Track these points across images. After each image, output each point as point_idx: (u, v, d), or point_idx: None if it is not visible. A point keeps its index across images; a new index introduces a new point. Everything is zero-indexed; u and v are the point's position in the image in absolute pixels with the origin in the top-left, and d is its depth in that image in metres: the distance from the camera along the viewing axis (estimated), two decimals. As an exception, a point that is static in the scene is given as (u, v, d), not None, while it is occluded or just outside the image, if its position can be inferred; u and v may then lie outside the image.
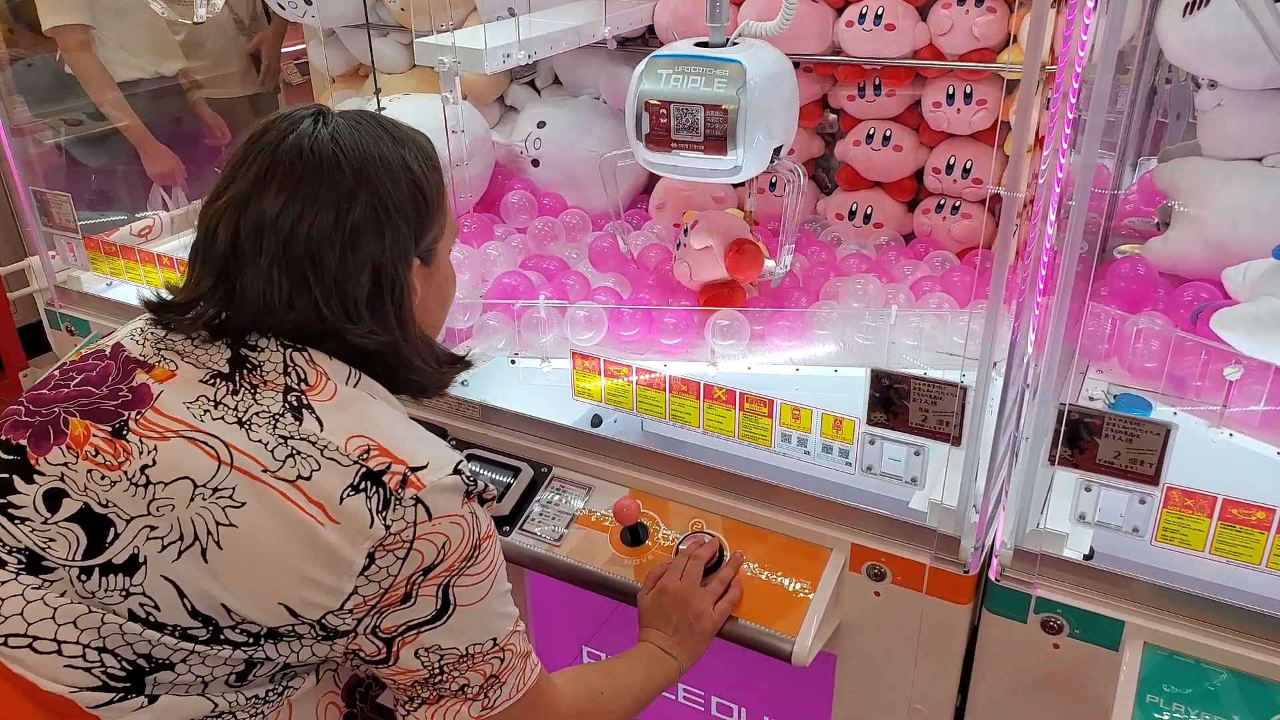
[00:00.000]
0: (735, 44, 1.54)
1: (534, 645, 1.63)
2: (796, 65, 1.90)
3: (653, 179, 2.15)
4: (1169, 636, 1.14)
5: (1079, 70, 1.09)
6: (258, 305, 0.93)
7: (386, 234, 0.96)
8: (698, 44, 1.55)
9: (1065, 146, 1.12)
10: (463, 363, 1.12)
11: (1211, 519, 1.12)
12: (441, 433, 1.58)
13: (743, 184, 2.10)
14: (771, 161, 1.56)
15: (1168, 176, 1.68)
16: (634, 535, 1.36)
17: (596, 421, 1.65)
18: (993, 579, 1.23)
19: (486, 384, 1.63)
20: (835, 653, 1.35)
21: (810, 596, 1.27)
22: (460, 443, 1.56)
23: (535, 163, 2.12)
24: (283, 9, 2.21)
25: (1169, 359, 1.44)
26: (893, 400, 1.24)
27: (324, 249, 0.93)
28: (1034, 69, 1.07)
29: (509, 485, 1.47)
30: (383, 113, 1.70)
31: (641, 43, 2.03)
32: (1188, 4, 1.48)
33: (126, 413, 0.93)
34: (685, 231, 1.70)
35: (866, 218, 1.98)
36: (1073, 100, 1.11)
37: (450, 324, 1.69)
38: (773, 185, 2.07)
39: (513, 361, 1.66)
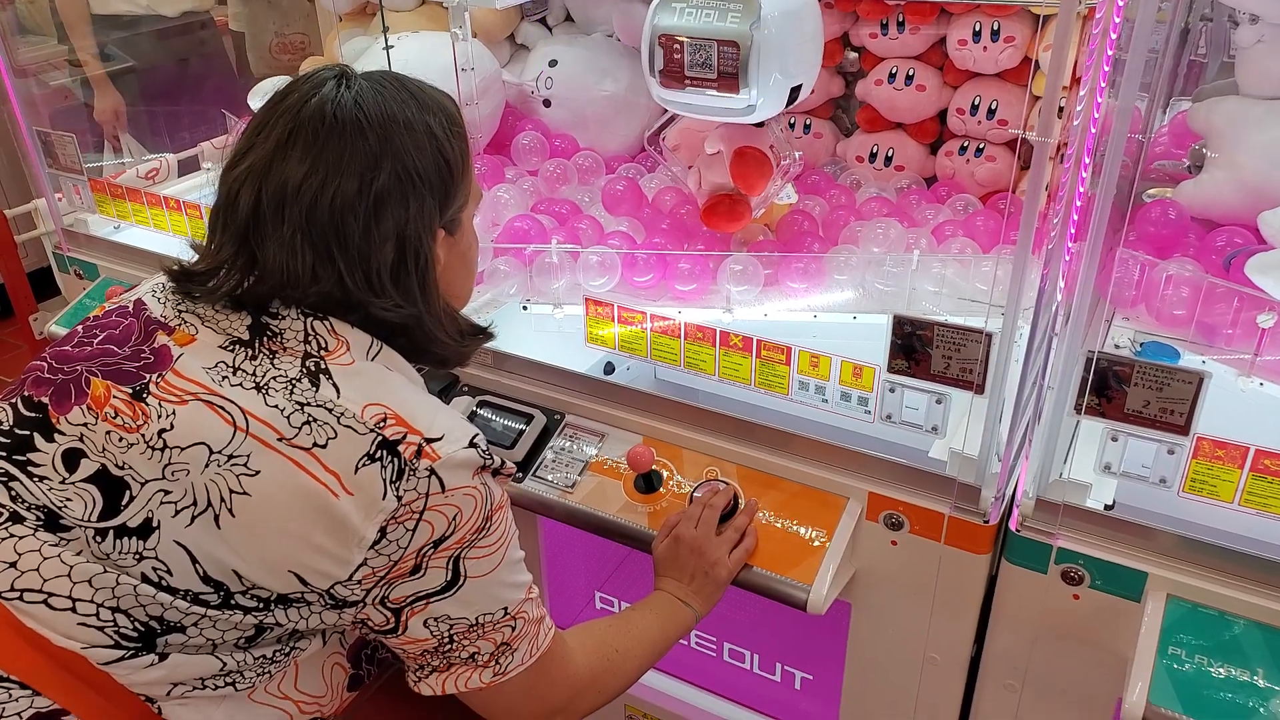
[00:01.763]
0: (759, -23, 1.48)
1: (547, 591, 1.64)
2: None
3: (669, 119, 2.09)
4: (1193, 588, 1.12)
5: (1121, 2, 1.04)
6: (281, 277, 0.92)
7: (411, 203, 0.94)
8: (718, -25, 1.49)
9: (1103, 86, 1.07)
10: (485, 333, 1.10)
11: (1243, 470, 1.09)
12: (453, 380, 1.57)
13: (762, 124, 2.05)
14: (790, 102, 1.50)
15: (1203, 117, 1.62)
16: (647, 482, 1.35)
17: (609, 369, 1.62)
18: (1013, 529, 1.21)
19: (499, 330, 1.60)
20: (850, 601, 1.34)
21: (826, 545, 1.25)
22: (472, 389, 1.54)
23: (547, 103, 2.07)
24: (288, -56, 2.15)
25: (1199, 306, 1.40)
26: (915, 347, 1.21)
27: (348, 219, 0.91)
28: (1072, 3, 1.01)
29: (522, 431, 1.45)
30: (391, 50, 1.65)
31: (656, -24, 1.96)
32: (1231, -66, 1.41)
33: (148, 375, 0.92)
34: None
35: (887, 160, 1.92)
36: (1112, 37, 1.05)
37: (461, 269, 1.66)
38: (791, 126, 2.01)
39: (525, 307, 1.63)
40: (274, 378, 0.91)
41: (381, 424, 0.90)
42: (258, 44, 2.86)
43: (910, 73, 1.83)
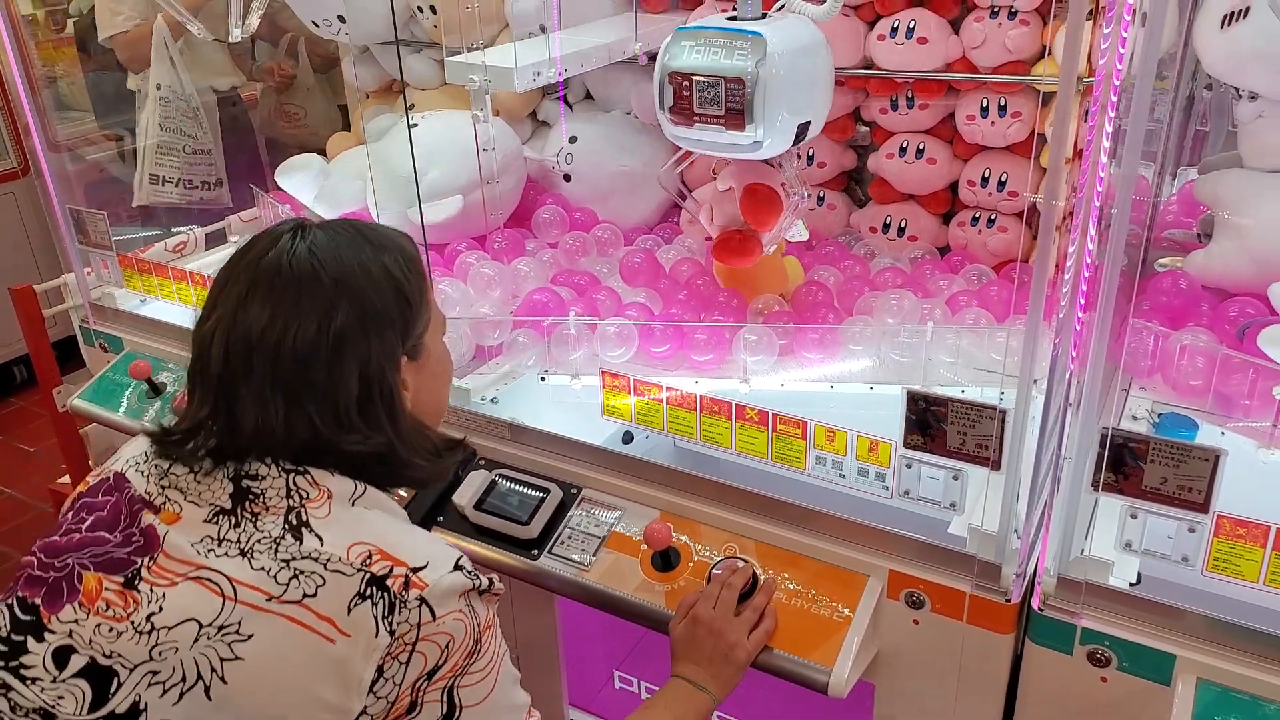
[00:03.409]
0: (767, 17, 1.49)
1: (564, 669, 1.62)
2: (828, 78, 1.89)
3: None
4: (1223, 671, 1.10)
5: (1117, 82, 1.06)
6: (255, 429, 0.94)
7: (371, 339, 0.98)
8: (729, 17, 1.51)
9: (1105, 159, 1.09)
10: (460, 446, 1.12)
11: (1265, 549, 1.08)
12: (471, 454, 1.58)
13: (772, 162, 2.09)
14: (798, 139, 1.52)
15: (1209, 189, 1.64)
16: (665, 560, 1.34)
17: (628, 438, 1.63)
18: (1035, 608, 1.20)
19: (515, 402, 1.62)
20: (873, 682, 1.32)
21: (847, 625, 1.24)
22: (489, 462, 1.55)
23: (567, 178, 2.12)
24: (317, 27, 2.23)
25: (1215, 377, 1.40)
26: (930, 423, 1.21)
27: (310, 361, 0.94)
28: (1071, 79, 1.04)
29: (539, 505, 1.46)
30: (415, 128, 1.71)
31: (671, 57, 2.02)
32: (1226, 15, 1.44)
33: (139, 560, 0.94)
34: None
35: (901, 230, 1.95)
36: (1111, 112, 1.08)
37: (480, 340, 1.69)
38: (810, 158, 2.03)
39: (542, 379, 1.65)
40: (258, 540, 0.92)
41: (367, 561, 0.91)
42: (263, 107, 2.97)
43: (921, 147, 1.87)
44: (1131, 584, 1.19)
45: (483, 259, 1.90)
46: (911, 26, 1.74)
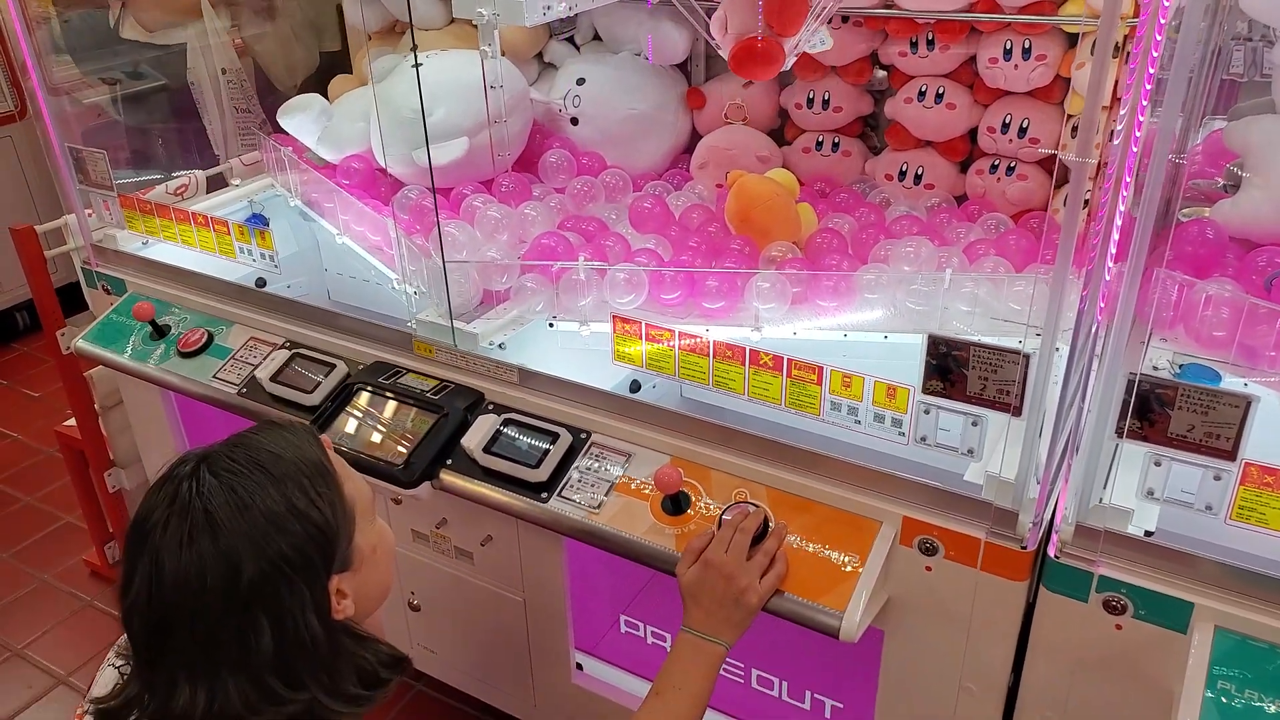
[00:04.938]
0: None
1: (571, 614, 1.62)
2: (845, 19, 1.84)
3: (694, 139, 2.09)
4: (1242, 619, 1.08)
5: (1162, 23, 1.02)
6: (183, 711, 0.92)
7: (283, 593, 0.94)
8: None
9: (1145, 104, 1.05)
10: (400, 665, 1.07)
11: (1292, 497, 1.06)
12: (479, 397, 1.56)
13: (789, 142, 2.04)
14: None
15: (1240, 136, 1.59)
16: (675, 504, 1.33)
17: (635, 387, 1.61)
18: (1052, 556, 1.18)
19: (524, 347, 1.59)
20: (883, 629, 1.31)
21: (859, 570, 1.23)
22: (497, 407, 1.53)
23: (574, 121, 2.07)
24: (317, -37, 2.17)
25: (1240, 328, 1.37)
26: (950, 368, 1.18)
27: (221, 632, 0.92)
28: (1113, 21, 1.00)
29: (547, 450, 1.44)
30: (420, 68, 1.60)
31: (685, -4, 1.96)
32: (1269, -48, 1.39)
33: None
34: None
35: (917, 178, 1.90)
36: (1154, 54, 1.03)
37: (487, 285, 1.66)
38: (819, 145, 2.00)
39: (551, 325, 1.62)
40: None
41: None
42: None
43: (940, 91, 1.82)
44: (1148, 533, 1.17)
45: (489, 202, 1.86)
46: (935, -37, 1.68)
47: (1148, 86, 1.05)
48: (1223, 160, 1.72)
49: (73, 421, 2.38)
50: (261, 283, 1.95)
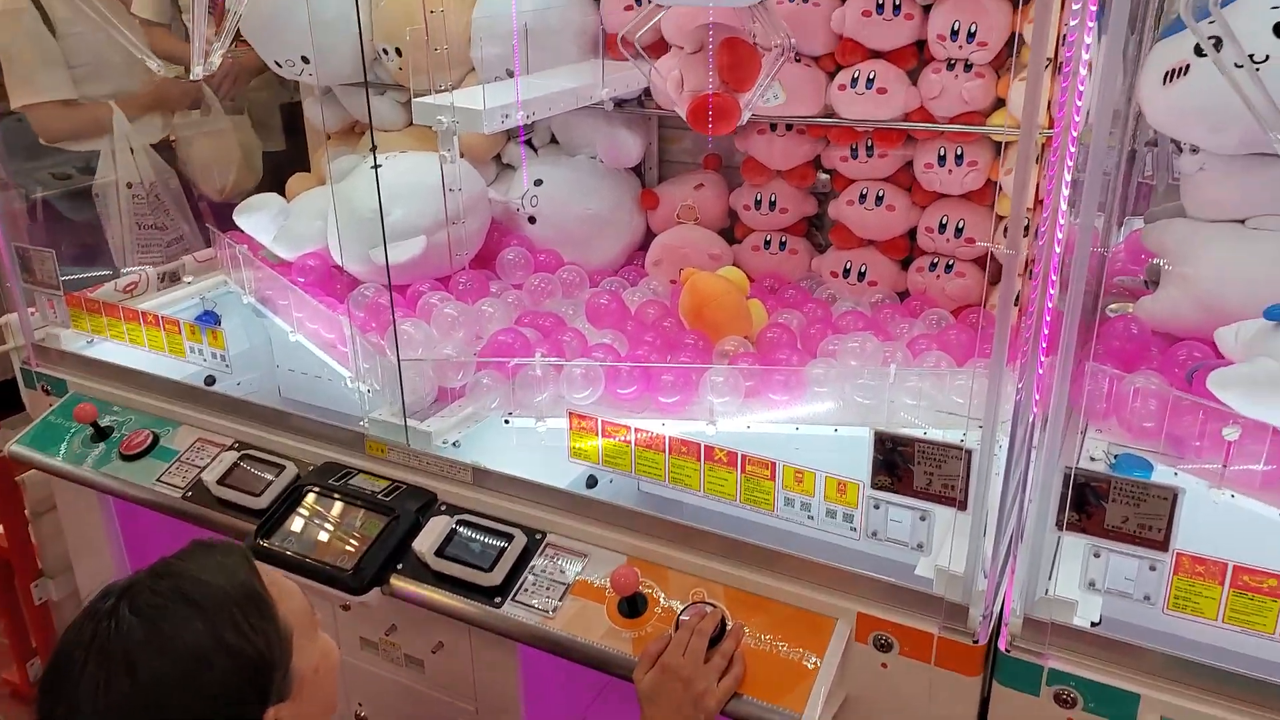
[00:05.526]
0: None
1: (528, 721, 1.57)
2: (789, 127, 1.94)
3: (649, 237, 2.15)
4: (1187, 710, 1.11)
5: (1075, 134, 1.10)
6: None
7: None
8: None
9: (1065, 207, 1.13)
10: None
11: (1223, 586, 1.10)
12: (431, 497, 1.55)
13: (739, 241, 2.11)
14: None
15: (1156, 237, 1.70)
16: (632, 606, 1.32)
17: (592, 482, 1.61)
18: (1002, 650, 1.20)
19: (478, 445, 1.60)
20: (842, 727, 1.30)
21: (817, 669, 1.23)
22: (450, 507, 1.52)
23: (532, 220, 2.12)
24: (280, 67, 2.22)
25: (1167, 418, 1.44)
26: (897, 463, 1.22)
27: None
28: (1031, 131, 1.08)
29: (502, 551, 1.43)
30: (379, 169, 1.63)
31: (638, 104, 2.05)
32: (1168, 72, 1.51)
33: None
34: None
35: (861, 275, 1.98)
36: (1069, 162, 1.12)
37: (443, 382, 1.67)
38: (767, 244, 2.07)
39: (506, 421, 1.63)
40: None
41: None
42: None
43: (880, 194, 1.91)
44: (1094, 624, 1.20)
45: (446, 299, 1.88)
46: (871, 77, 1.79)
47: (1066, 190, 1.13)
48: (1144, 258, 1.83)
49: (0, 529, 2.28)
50: (211, 381, 1.93)
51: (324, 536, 1.51)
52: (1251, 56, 1.37)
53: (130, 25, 2.60)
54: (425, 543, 1.45)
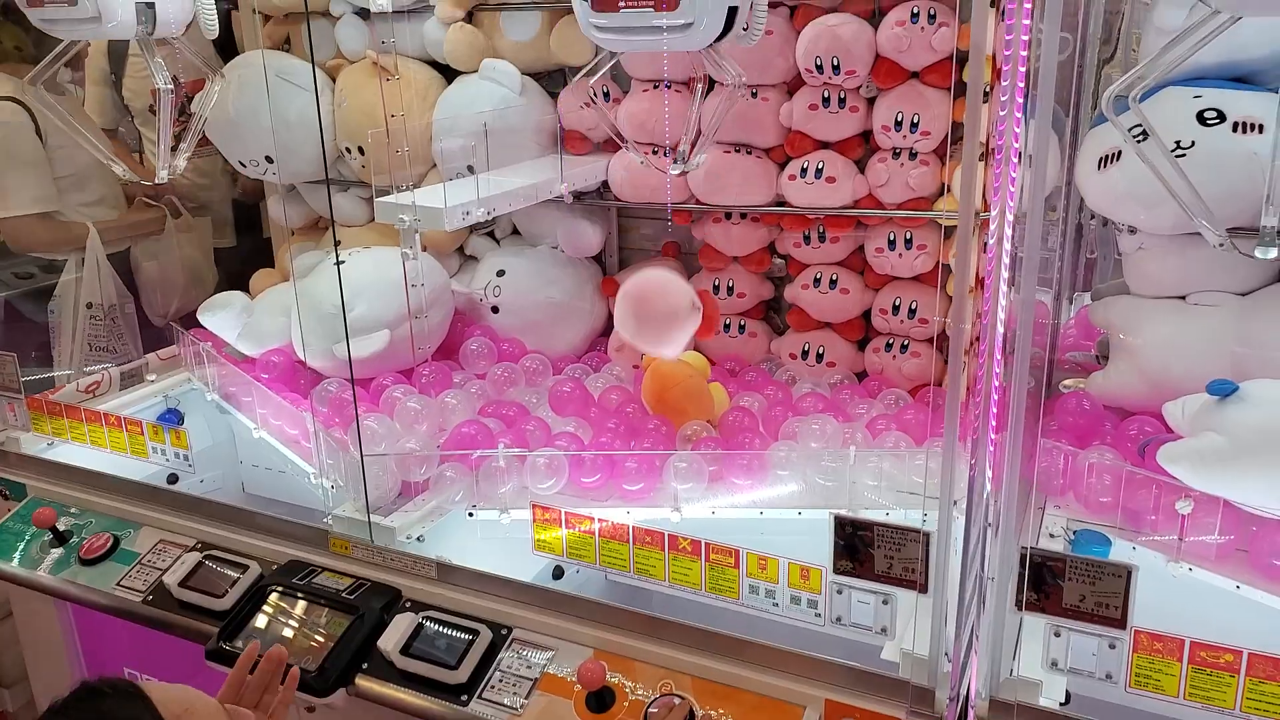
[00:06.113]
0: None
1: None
2: (744, 215, 2.00)
3: (610, 322, 2.19)
4: (1156, 792, 1.11)
5: (1010, 216, 1.15)
6: None
7: None
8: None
9: (1005, 286, 1.17)
10: None
11: (1182, 663, 1.11)
12: (396, 594, 1.53)
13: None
14: (727, 27, 1.41)
15: (1101, 314, 1.75)
16: (600, 701, 1.30)
17: (559, 573, 1.60)
18: (971, 732, 1.20)
19: (442, 539, 1.59)
20: (814, 819, 1.28)
21: (786, 760, 1.21)
22: (415, 604, 1.50)
23: (495, 309, 2.15)
24: (244, 167, 2.27)
25: (1122, 493, 1.46)
26: (858, 547, 1.23)
27: None
28: (969, 216, 1.13)
29: (467, 649, 1.41)
30: (343, 265, 1.64)
31: (597, 195, 2.11)
32: (1101, 158, 1.59)
33: None
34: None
35: (819, 357, 2.02)
36: (1008, 244, 1.16)
37: (406, 476, 1.66)
38: (726, 328, 2.11)
39: (470, 514, 1.63)
40: None
41: None
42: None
43: (834, 277, 1.97)
44: (1061, 704, 1.20)
45: (409, 393, 1.89)
46: (820, 167, 1.86)
47: (1005, 272, 1.17)
48: (1095, 333, 1.88)
49: (-47, 635, 2.21)
50: (174, 479, 1.90)
51: (289, 635, 1.48)
52: (1178, 143, 1.45)
53: (96, 134, 2.64)
54: (390, 641, 1.43)
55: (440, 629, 1.44)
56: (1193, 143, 1.44)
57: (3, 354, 1.95)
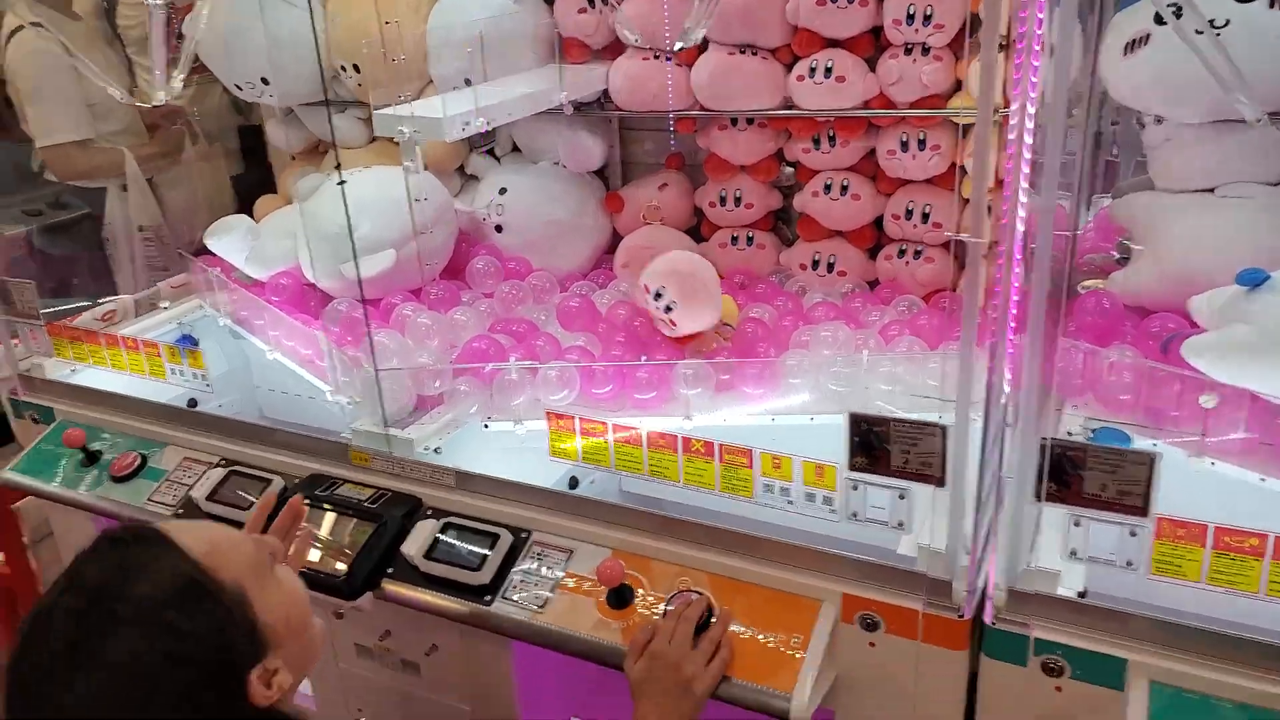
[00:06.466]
0: None
1: (521, 717, 1.57)
2: (750, 121, 1.95)
3: (615, 239, 2.16)
4: (1174, 672, 1.11)
5: (1032, 111, 1.11)
6: None
7: None
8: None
9: (1025, 188, 1.13)
10: None
11: (1205, 548, 1.11)
12: (417, 502, 1.54)
13: (706, 239, 2.12)
14: None
15: (1123, 211, 1.71)
16: (619, 598, 1.32)
17: (574, 483, 1.61)
18: (988, 622, 1.20)
19: (460, 450, 1.59)
20: (833, 708, 1.30)
21: (804, 650, 1.23)
22: (436, 511, 1.52)
23: (499, 228, 2.12)
24: (240, 90, 2.22)
25: (1143, 391, 1.45)
26: (873, 444, 1.22)
27: None
28: (988, 114, 1.08)
29: (488, 551, 1.43)
30: (344, 185, 1.62)
31: (597, 106, 2.06)
32: (1128, 43, 1.52)
33: None
34: (655, 295, 1.67)
35: (830, 267, 1.99)
36: (1028, 142, 1.13)
37: (421, 391, 1.67)
38: (734, 240, 2.08)
39: (486, 426, 1.63)
40: None
41: None
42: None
43: (845, 183, 1.92)
44: (1080, 594, 1.20)
45: (419, 310, 1.88)
46: (829, 66, 1.80)
47: (1026, 170, 1.13)
48: (1114, 235, 1.84)
49: (1, 556, 2.27)
50: (193, 403, 1.92)
51: (315, 547, 1.51)
52: (1212, 22, 1.38)
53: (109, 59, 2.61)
54: (413, 546, 1.45)
55: (461, 534, 1.46)
56: (1227, 21, 1.38)
57: (20, 282, 1.95)
